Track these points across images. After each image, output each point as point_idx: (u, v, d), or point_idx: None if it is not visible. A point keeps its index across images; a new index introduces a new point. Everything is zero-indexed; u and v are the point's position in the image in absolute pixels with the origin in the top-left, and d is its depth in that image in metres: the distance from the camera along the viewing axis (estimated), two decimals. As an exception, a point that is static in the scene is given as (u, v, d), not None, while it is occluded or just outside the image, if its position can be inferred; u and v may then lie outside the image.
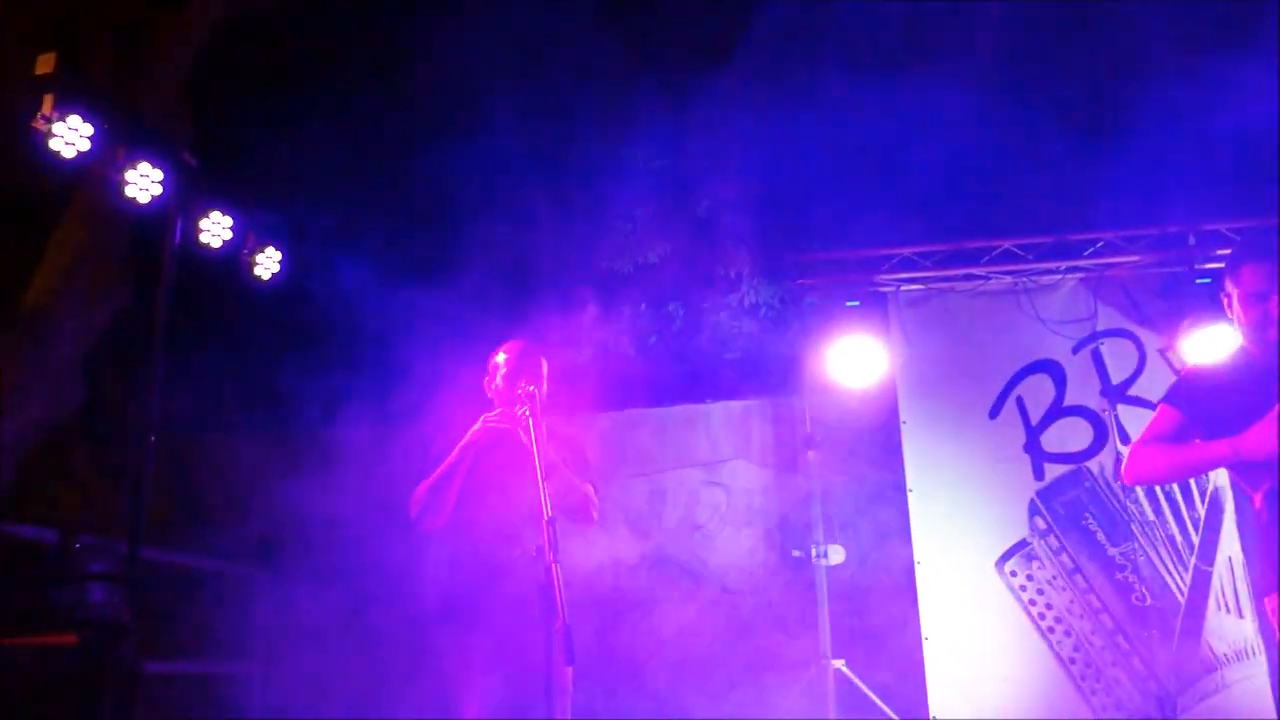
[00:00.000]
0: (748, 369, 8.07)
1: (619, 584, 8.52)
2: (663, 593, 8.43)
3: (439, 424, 3.58)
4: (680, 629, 8.28)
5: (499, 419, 3.30)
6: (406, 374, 5.41)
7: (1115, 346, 5.80)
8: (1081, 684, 5.30)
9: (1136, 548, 5.45)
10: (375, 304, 5.10)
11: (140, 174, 3.90)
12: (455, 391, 4.34)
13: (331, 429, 5.02)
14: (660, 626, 8.43)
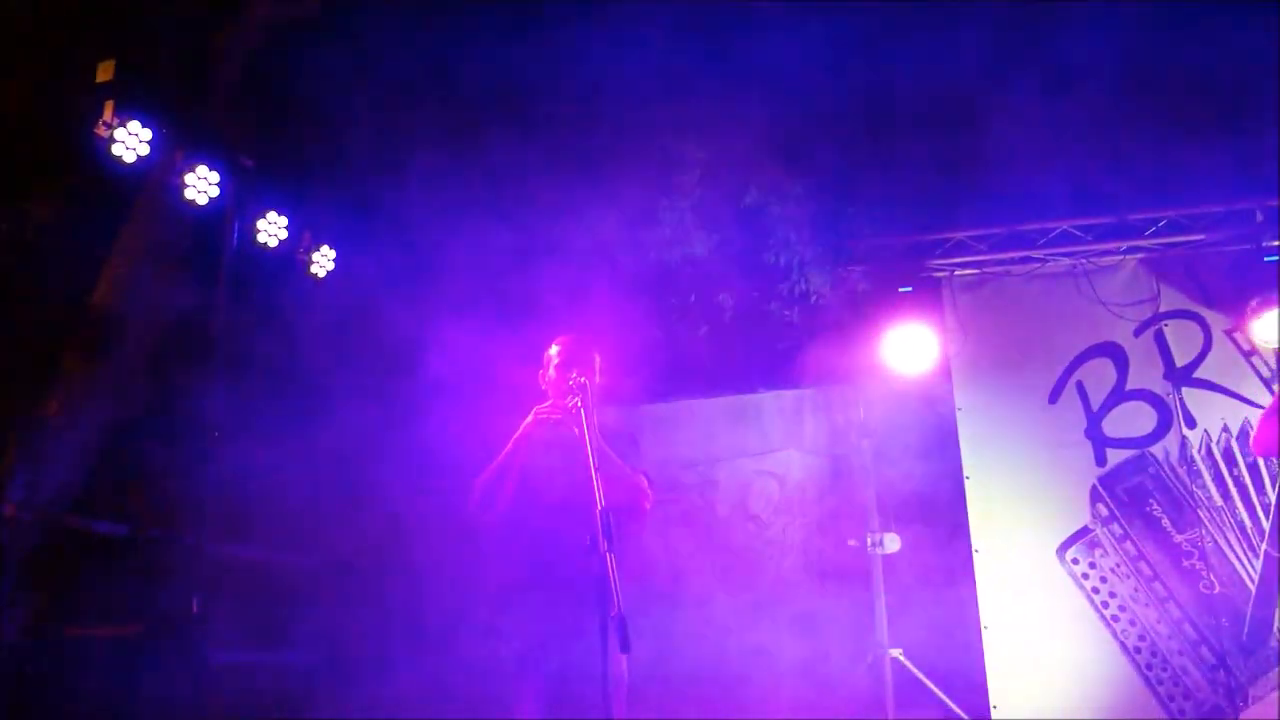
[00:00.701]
0: (799, 358, 8.00)
1: (672, 575, 8.53)
2: (717, 583, 8.43)
3: (493, 417, 3.62)
4: (735, 620, 8.27)
5: (551, 410, 3.32)
6: (460, 368, 5.47)
7: (1179, 328, 5.67)
8: (1147, 674, 5.20)
9: (1204, 534, 5.32)
10: (429, 300, 5.16)
11: (198, 176, 3.99)
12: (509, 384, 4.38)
13: (389, 424, 5.10)
14: (715, 617, 8.43)
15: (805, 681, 7.87)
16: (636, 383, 7.79)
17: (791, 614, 8.27)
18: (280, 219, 4.36)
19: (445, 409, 4.89)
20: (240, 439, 4.24)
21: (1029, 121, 6.40)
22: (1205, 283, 5.69)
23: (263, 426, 4.18)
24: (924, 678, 5.64)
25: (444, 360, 5.19)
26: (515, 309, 6.05)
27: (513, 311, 5.99)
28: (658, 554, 8.54)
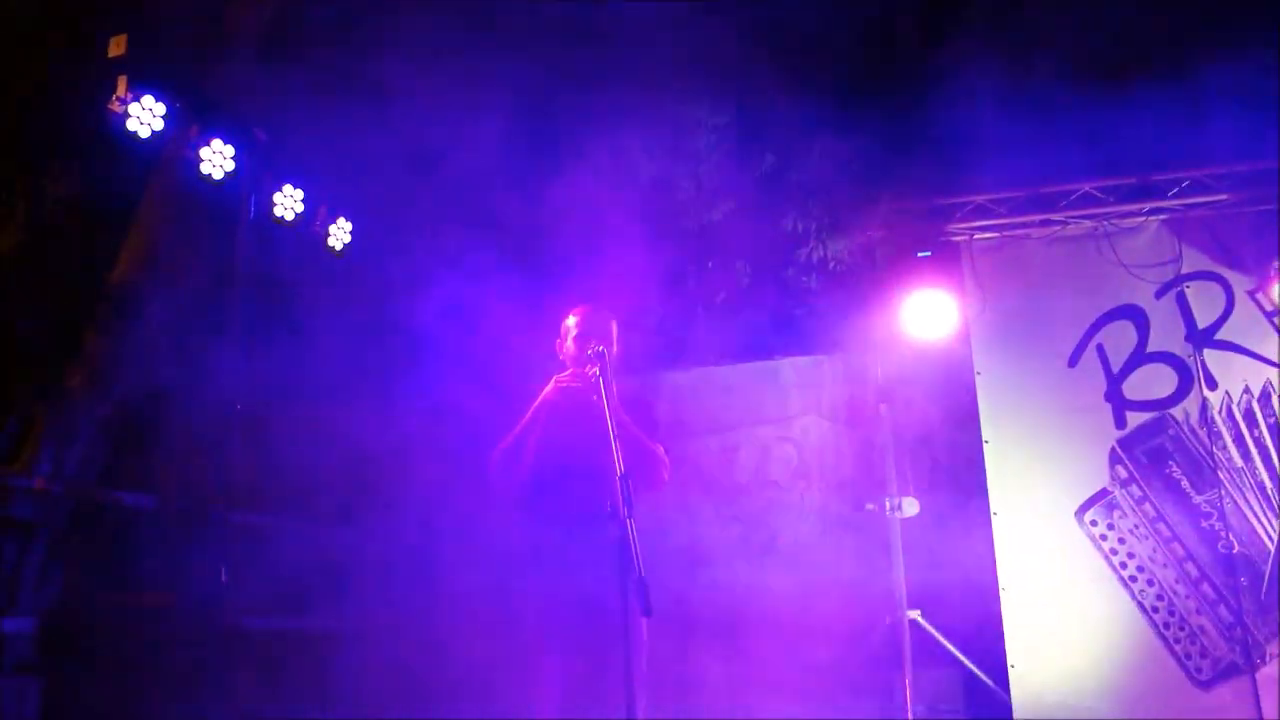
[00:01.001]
0: (817, 324, 7.99)
1: (692, 541, 8.59)
2: (737, 548, 8.48)
3: (513, 386, 3.65)
4: (754, 584, 8.33)
5: (570, 379, 3.35)
6: (478, 337, 5.49)
7: (1201, 290, 5.62)
8: (1165, 633, 5.21)
9: (1223, 494, 5.31)
10: (444, 270, 5.17)
11: (213, 150, 4.00)
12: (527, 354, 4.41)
13: (407, 392, 5.14)
14: (735, 582, 8.50)
15: (824, 643, 7.93)
16: (654, 350, 7.80)
17: (810, 578, 8.32)
18: (296, 192, 4.37)
19: (466, 375, 4.91)
20: (261, 409, 4.29)
21: (1048, 82, 6.33)
22: (1228, 243, 5.63)
23: (283, 396, 4.22)
24: (942, 638, 5.68)
25: (461, 326, 5.22)
26: (531, 277, 6.06)
27: (529, 280, 6.00)
28: (677, 519, 8.60)
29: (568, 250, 6.87)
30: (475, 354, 5.30)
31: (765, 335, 8.20)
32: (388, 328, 5.03)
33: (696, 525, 8.64)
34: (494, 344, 5.42)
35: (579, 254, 6.93)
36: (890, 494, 5.83)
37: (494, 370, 4.83)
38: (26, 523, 4.15)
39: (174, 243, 4.60)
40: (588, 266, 6.75)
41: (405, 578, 5.42)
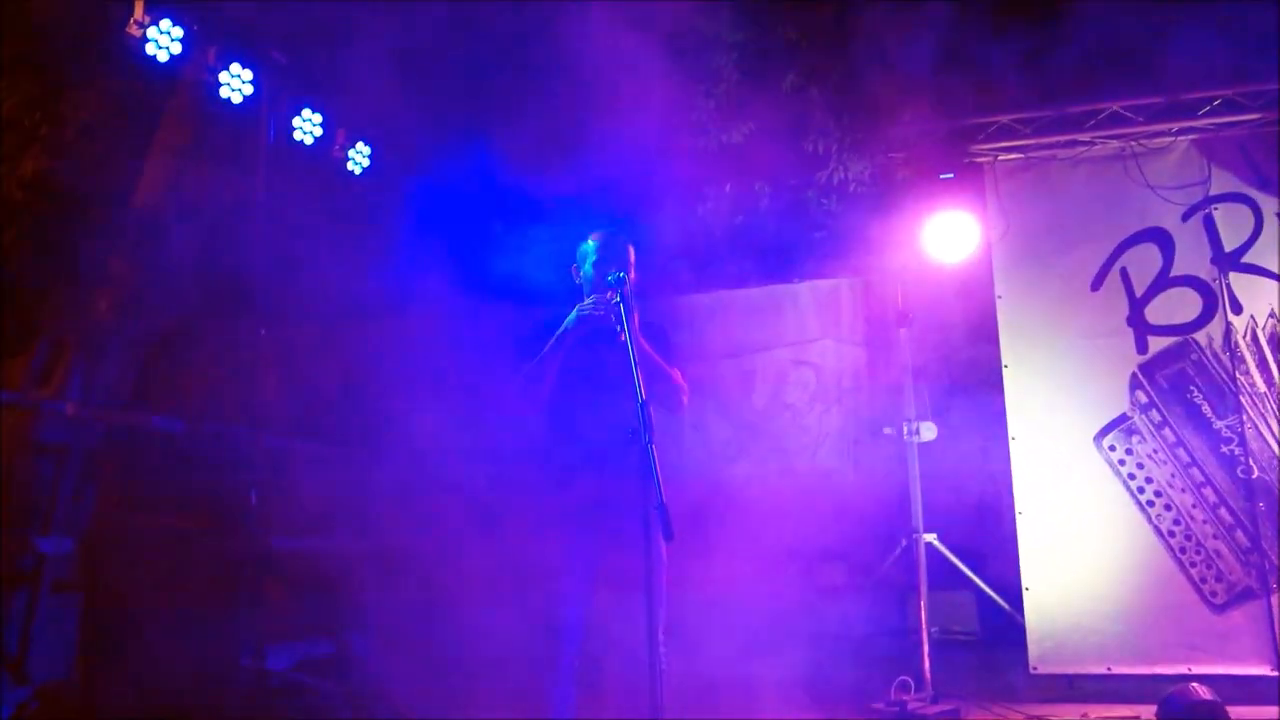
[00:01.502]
0: (836, 247, 7.93)
1: (710, 464, 8.68)
2: (754, 471, 8.56)
3: (532, 311, 3.66)
4: (771, 507, 8.42)
5: (594, 306, 3.34)
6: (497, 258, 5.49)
7: (1229, 212, 5.54)
8: (1181, 557, 5.27)
9: (1245, 420, 5.31)
10: (464, 192, 5.15)
11: (232, 74, 3.97)
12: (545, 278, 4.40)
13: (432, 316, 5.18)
14: (752, 505, 8.60)
15: (840, 566, 8.06)
16: (672, 274, 7.78)
17: (827, 502, 8.41)
18: (315, 115, 4.35)
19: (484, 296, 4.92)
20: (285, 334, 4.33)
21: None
22: (1258, 163, 5.53)
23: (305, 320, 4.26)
24: (958, 561, 5.76)
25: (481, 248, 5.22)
26: (547, 204, 6.02)
27: (545, 206, 5.97)
28: (693, 443, 8.68)
29: (584, 173, 6.80)
30: (493, 278, 5.30)
31: (784, 258, 8.15)
32: (406, 251, 5.03)
33: (712, 448, 8.72)
34: (511, 268, 5.42)
35: (595, 176, 6.85)
36: (908, 418, 5.85)
37: (513, 294, 4.84)
38: (60, 446, 4.24)
39: (195, 167, 4.59)
40: (604, 189, 6.69)
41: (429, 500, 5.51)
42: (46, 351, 4.26)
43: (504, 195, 5.65)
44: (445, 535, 6.34)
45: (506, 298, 5.10)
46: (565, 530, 3.29)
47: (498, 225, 5.40)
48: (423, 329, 5.37)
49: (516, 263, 5.38)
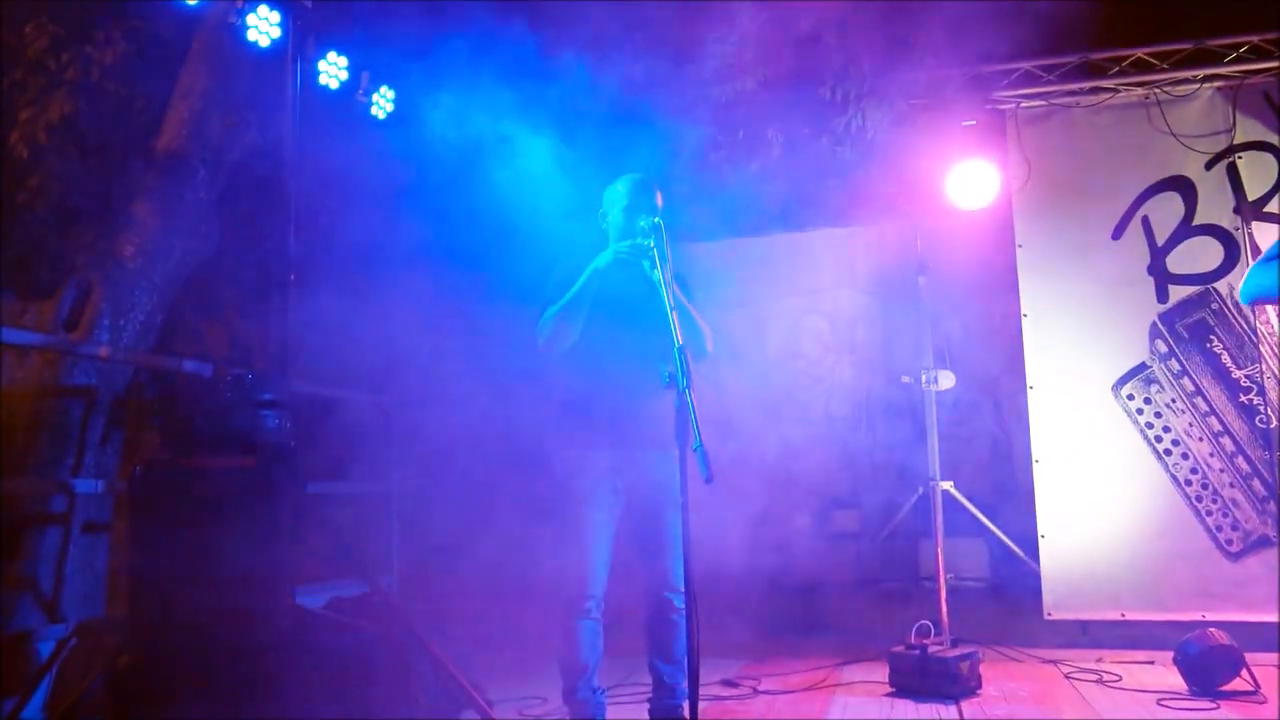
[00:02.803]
0: (851, 196, 7.89)
1: (721, 413, 8.71)
2: (766, 419, 8.60)
3: (555, 253, 3.65)
4: (783, 456, 8.48)
5: (630, 249, 3.33)
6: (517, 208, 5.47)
7: (1253, 160, 5.50)
8: (1197, 505, 5.31)
9: (1264, 370, 5.32)
10: (484, 141, 5.11)
11: (259, 17, 3.93)
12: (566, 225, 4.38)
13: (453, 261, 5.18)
14: (764, 452, 8.65)
15: (853, 513, 8.14)
16: (684, 221, 7.72)
17: (840, 451, 8.47)
18: (341, 59, 4.31)
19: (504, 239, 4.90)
20: (311, 280, 4.34)
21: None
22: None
23: (329, 266, 4.26)
24: (973, 508, 5.81)
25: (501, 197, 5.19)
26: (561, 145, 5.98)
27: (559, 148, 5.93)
28: (704, 391, 8.69)
29: (597, 121, 6.75)
30: (514, 225, 5.28)
31: (798, 206, 8.11)
32: (428, 197, 5.01)
33: (725, 398, 8.75)
34: (531, 215, 5.40)
35: (609, 124, 6.80)
36: (926, 366, 5.86)
37: (534, 241, 4.82)
38: (89, 389, 4.28)
39: (218, 109, 4.56)
40: (618, 136, 6.63)
41: (451, 443, 5.56)
42: (73, 295, 4.27)
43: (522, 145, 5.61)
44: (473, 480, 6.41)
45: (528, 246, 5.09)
46: (592, 469, 3.32)
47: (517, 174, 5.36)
48: (451, 276, 5.38)
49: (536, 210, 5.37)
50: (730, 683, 4.53)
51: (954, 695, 4.12)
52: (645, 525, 3.38)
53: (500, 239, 5.31)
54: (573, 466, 3.37)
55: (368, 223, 4.88)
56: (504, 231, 5.35)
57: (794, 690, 4.38)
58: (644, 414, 3.29)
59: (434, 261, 5.54)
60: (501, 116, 5.73)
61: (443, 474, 6.26)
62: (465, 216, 5.30)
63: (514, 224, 5.40)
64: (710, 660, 5.04)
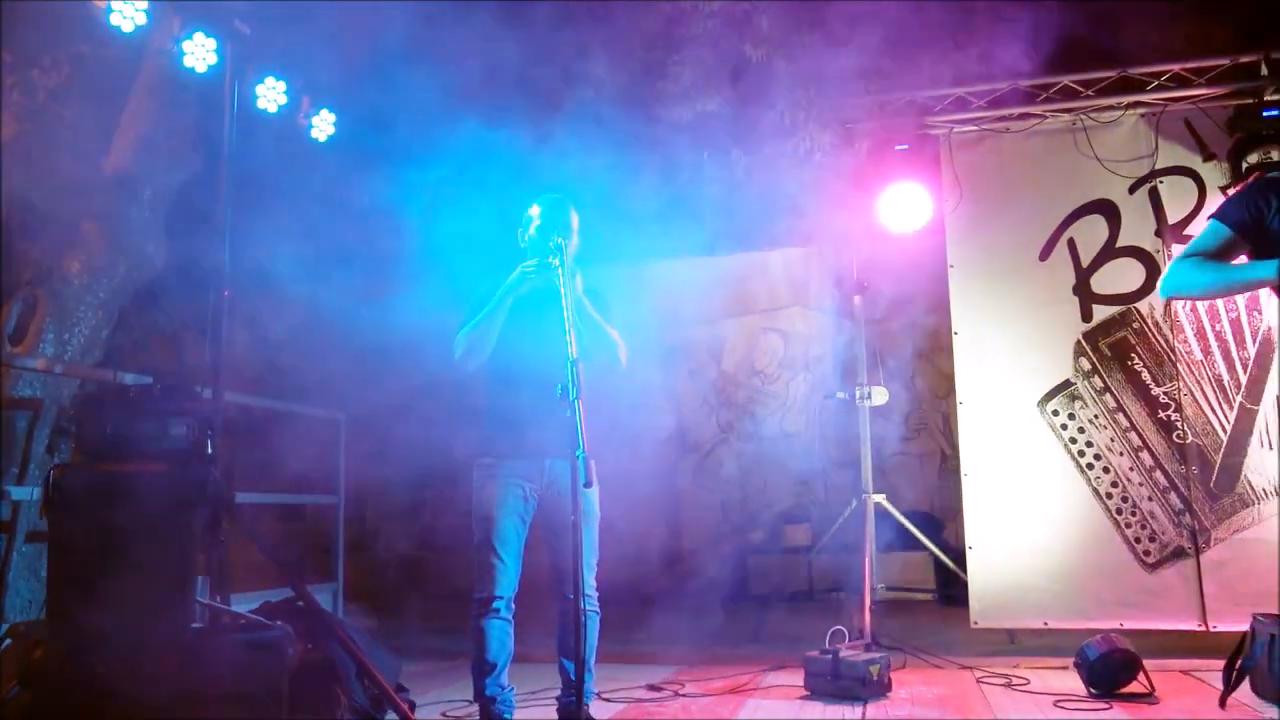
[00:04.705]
0: (807, 217, 8.08)
1: (680, 426, 8.90)
2: (722, 434, 8.79)
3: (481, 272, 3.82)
4: (739, 467, 8.66)
5: (535, 268, 3.51)
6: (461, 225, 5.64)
7: (1174, 185, 5.71)
8: (1117, 517, 5.48)
9: (1181, 387, 5.50)
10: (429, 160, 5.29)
11: (196, 44, 4.11)
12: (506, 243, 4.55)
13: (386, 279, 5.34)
14: (720, 465, 8.84)
15: (800, 526, 8.30)
16: (646, 240, 7.92)
17: (794, 465, 8.65)
18: (279, 84, 4.49)
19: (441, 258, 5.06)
20: (251, 296, 4.51)
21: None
22: (1205, 137, 5.69)
23: (271, 284, 4.42)
24: (904, 519, 5.97)
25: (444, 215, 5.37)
26: (521, 167, 6.16)
27: (519, 169, 6.11)
28: (665, 406, 8.89)
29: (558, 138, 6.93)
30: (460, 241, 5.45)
31: (756, 226, 8.29)
32: (373, 215, 5.18)
33: (683, 413, 8.94)
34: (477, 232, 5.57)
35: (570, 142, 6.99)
36: (861, 382, 6.04)
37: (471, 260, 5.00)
38: (33, 400, 4.44)
39: (164, 133, 4.74)
40: (579, 156, 6.82)
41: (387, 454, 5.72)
42: (20, 311, 4.43)
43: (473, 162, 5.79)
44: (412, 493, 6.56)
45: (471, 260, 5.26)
46: (504, 475, 3.48)
47: (466, 190, 5.54)
48: (392, 291, 5.54)
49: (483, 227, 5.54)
50: (655, 687, 4.67)
51: (864, 697, 4.27)
52: (555, 531, 3.53)
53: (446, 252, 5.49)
54: (486, 474, 3.54)
55: (314, 239, 5.04)
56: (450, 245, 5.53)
57: (713, 694, 4.53)
58: (554, 423, 3.43)
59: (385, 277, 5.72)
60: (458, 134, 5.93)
61: (391, 484, 6.42)
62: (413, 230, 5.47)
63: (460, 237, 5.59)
64: (646, 667, 5.20)
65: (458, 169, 5.63)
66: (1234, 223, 2.73)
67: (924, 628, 6.22)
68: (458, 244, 4.77)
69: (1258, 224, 2.68)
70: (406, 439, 6.09)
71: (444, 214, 5.13)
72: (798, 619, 6.95)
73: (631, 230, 7.02)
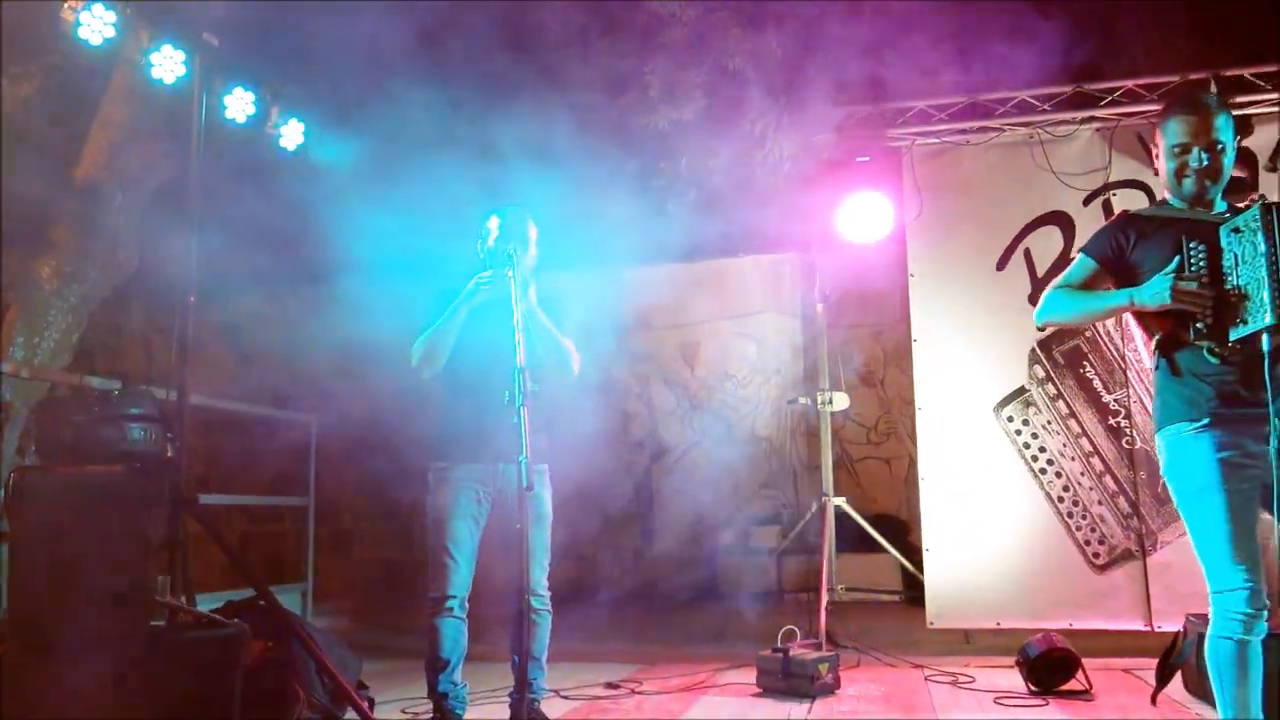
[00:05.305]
0: (780, 224, 8.23)
1: (653, 429, 9.02)
2: (695, 439, 8.91)
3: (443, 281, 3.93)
4: (711, 470, 8.79)
5: (490, 278, 3.64)
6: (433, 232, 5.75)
7: (1126, 198, 5.85)
8: (1068, 520, 5.62)
9: (1131, 395, 5.65)
10: (396, 170, 5.40)
11: (164, 56, 4.22)
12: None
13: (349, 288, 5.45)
14: (695, 470, 8.96)
15: (775, 529, 8.43)
16: (621, 246, 8.05)
17: (765, 468, 8.78)
18: (247, 95, 4.60)
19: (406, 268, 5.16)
20: (219, 301, 4.61)
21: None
22: (1156, 152, 5.83)
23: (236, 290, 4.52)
24: (863, 521, 6.10)
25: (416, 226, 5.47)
26: (494, 175, 6.27)
27: (491, 177, 6.22)
28: (639, 411, 9.03)
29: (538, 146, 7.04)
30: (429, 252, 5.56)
31: (732, 233, 8.42)
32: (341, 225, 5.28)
33: (657, 416, 9.07)
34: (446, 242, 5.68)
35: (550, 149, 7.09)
36: (822, 388, 6.18)
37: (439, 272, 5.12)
38: (4, 403, 4.54)
39: (134, 140, 4.84)
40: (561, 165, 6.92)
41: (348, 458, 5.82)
42: (-8, 315, 4.54)
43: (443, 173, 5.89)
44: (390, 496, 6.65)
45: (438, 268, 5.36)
46: (457, 479, 3.60)
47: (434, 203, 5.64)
48: (359, 300, 5.64)
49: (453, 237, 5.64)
50: (613, 685, 4.79)
51: (812, 695, 4.39)
52: (508, 533, 3.64)
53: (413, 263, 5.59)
54: (440, 477, 3.66)
55: (282, 247, 5.15)
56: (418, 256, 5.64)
57: (669, 691, 4.65)
58: (506, 429, 3.53)
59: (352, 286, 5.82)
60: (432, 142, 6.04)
61: (369, 486, 6.52)
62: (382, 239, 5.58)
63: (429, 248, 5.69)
64: (610, 665, 5.32)
65: (429, 178, 5.74)
66: (1098, 256, 2.93)
67: (886, 628, 6.34)
68: (426, 250, 4.87)
69: (1119, 257, 2.88)
70: (384, 442, 6.20)
71: (414, 221, 5.23)
72: (764, 619, 7.06)
73: (607, 236, 7.15)
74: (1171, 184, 2.89)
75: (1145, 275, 2.79)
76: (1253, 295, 2.55)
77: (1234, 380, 2.66)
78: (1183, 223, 2.81)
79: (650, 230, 8.07)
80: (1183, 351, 2.76)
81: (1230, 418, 2.65)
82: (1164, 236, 2.82)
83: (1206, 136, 2.78)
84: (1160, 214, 2.93)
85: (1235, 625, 2.64)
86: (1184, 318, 2.70)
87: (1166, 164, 2.88)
